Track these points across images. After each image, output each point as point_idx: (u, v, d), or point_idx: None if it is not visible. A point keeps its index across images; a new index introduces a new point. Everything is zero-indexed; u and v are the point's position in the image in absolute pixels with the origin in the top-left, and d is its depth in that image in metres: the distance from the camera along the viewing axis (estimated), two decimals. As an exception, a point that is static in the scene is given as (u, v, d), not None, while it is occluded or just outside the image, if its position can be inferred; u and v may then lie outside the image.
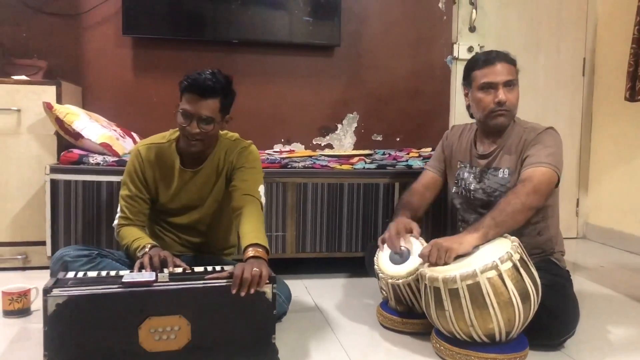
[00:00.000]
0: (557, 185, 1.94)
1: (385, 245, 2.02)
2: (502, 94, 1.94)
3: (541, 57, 3.62)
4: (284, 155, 2.94)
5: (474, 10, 3.49)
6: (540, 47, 3.61)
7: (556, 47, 3.64)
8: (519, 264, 1.65)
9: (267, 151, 3.19)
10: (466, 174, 2.11)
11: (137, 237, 1.90)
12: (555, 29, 3.63)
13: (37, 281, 2.15)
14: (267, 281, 1.60)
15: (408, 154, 3.07)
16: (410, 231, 1.99)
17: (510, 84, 1.97)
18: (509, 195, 1.83)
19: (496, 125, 2.00)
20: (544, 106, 3.61)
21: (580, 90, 3.69)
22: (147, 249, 1.82)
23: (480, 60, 2.00)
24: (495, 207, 1.82)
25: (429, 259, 1.75)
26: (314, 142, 3.50)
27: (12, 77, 2.75)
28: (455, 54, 3.53)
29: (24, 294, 2.06)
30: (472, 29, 3.53)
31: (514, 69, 2.00)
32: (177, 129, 2.00)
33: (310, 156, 2.95)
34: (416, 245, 1.95)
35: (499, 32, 3.55)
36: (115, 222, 2.02)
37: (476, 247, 1.75)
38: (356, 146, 3.52)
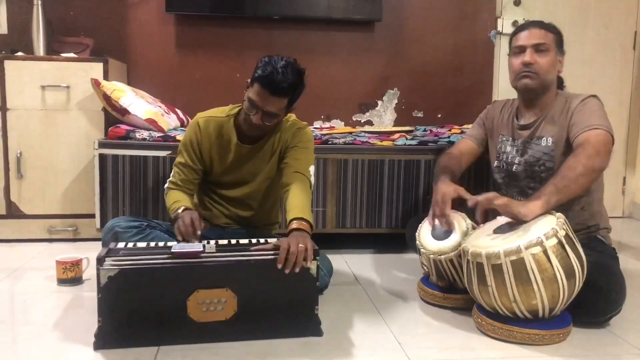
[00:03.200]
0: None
1: (427, 220, 2.01)
2: (527, 55, 1.96)
3: (589, 30, 3.50)
4: (325, 131, 2.95)
5: (519, -17, 3.39)
6: (589, 20, 3.49)
7: (605, 20, 3.51)
8: (564, 241, 1.63)
9: (307, 127, 3.20)
10: (508, 148, 2.09)
11: (176, 199, 1.96)
12: (605, 1, 3.49)
13: (87, 252, 2.25)
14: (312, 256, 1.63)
15: (450, 130, 3.04)
16: (458, 196, 1.95)
17: (540, 48, 1.95)
18: (570, 160, 1.78)
19: (522, 87, 1.99)
20: (591, 81, 3.50)
21: (630, 64, 3.56)
22: (179, 212, 1.88)
23: (517, 27, 2.05)
24: (556, 174, 1.78)
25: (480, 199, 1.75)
26: (354, 119, 3.49)
27: (61, 54, 2.83)
28: (499, 28, 3.44)
29: (77, 264, 2.15)
30: (517, 2, 3.43)
31: (550, 35, 1.98)
32: (238, 105, 2.02)
33: (351, 132, 2.95)
34: (460, 221, 1.94)
35: (545, 4, 3.44)
36: (166, 184, 2.08)
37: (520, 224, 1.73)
38: (396, 123, 3.50)
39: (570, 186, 1.72)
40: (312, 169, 1.97)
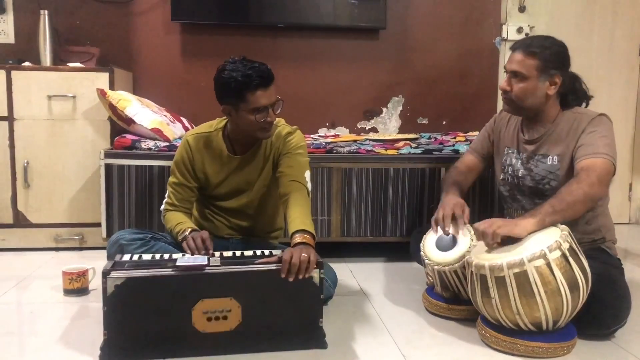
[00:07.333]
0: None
1: (431, 231, 2.02)
2: (504, 82, 1.99)
3: (595, 37, 3.49)
4: (329, 139, 2.96)
5: (524, -11, 3.39)
6: (594, 26, 3.49)
7: (611, 27, 3.50)
8: (568, 253, 1.63)
9: (312, 135, 3.21)
10: (514, 160, 2.09)
11: (179, 221, 1.99)
12: (611, 7, 3.48)
13: (93, 261, 2.27)
14: (315, 266, 1.64)
15: (454, 137, 3.04)
16: (463, 212, 1.98)
17: (516, 75, 1.93)
18: (572, 184, 1.78)
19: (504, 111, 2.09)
20: (597, 88, 3.40)
21: (635, 71, 3.55)
22: (187, 233, 1.91)
23: (513, 44, 2.05)
24: (555, 195, 1.78)
25: (480, 228, 1.74)
26: (359, 126, 3.49)
27: (68, 64, 2.85)
28: (504, 35, 3.45)
29: (83, 274, 2.16)
30: (522, 8, 3.43)
31: (532, 62, 1.90)
32: (223, 118, 2.04)
33: (355, 141, 2.95)
34: (464, 232, 1.94)
35: (550, 11, 3.44)
36: (162, 206, 2.11)
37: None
38: (401, 130, 3.50)
39: (567, 210, 1.74)
40: (307, 174, 1.98)
